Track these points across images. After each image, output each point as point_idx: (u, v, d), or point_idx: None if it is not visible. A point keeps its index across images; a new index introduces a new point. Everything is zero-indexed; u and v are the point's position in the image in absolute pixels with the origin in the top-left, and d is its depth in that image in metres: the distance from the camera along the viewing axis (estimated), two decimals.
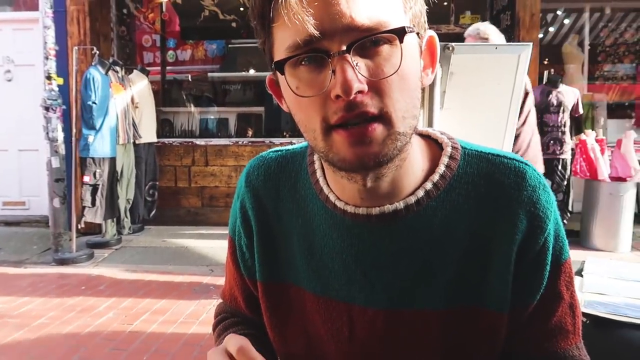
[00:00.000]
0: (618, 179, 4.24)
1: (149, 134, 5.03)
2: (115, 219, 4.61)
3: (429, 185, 0.64)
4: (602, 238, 4.29)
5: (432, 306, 0.64)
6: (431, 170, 0.66)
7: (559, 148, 4.49)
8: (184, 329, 2.78)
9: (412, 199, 0.63)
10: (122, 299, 3.24)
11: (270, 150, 0.77)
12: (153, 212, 5.14)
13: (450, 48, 1.40)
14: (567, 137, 4.52)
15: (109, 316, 2.96)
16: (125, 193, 4.73)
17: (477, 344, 0.65)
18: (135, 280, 3.62)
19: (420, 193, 0.64)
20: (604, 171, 4.27)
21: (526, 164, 0.65)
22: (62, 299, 3.23)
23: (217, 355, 0.58)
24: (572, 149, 4.57)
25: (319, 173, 0.69)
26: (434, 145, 0.69)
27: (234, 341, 0.56)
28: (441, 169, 0.65)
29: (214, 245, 4.49)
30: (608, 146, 4.56)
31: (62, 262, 4.00)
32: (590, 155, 4.32)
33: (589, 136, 4.42)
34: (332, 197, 0.67)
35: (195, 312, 3.03)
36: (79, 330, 2.76)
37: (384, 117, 0.55)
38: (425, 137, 0.70)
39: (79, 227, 4.30)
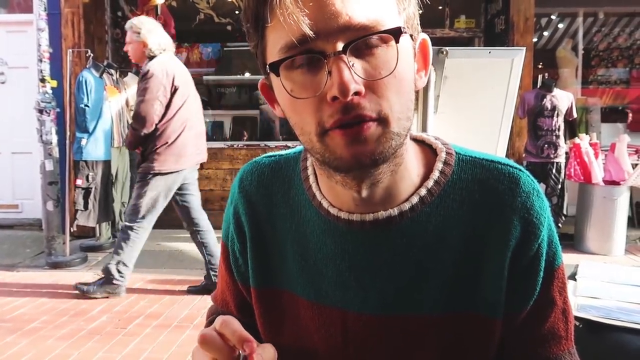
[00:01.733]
0: (612, 182, 4.27)
1: None
2: (110, 222, 4.59)
3: (423, 191, 0.64)
4: (596, 241, 4.31)
5: (427, 312, 0.64)
6: (426, 176, 0.65)
7: (553, 152, 4.51)
8: (178, 333, 2.76)
9: (407, 206, 0.63)
10: (115, 302, 3.22)
11: (264, 155, 0.77)
12: None
13: (444, 52, 1.40)
14: (562, 140, 4.55)
15: (103, 320, 2.94)
16: (121, 196, 4.71)
17: (472, 349, 0.65)
18: (129, 283, 3.60)
19: (415, 199, 0.63)
20: (597, 175, 4.29)
21: (520, 170, 0.65)
22: (55, 303, 3.21)
23: (206, 330, 0.57)
24: (566, 153, 4.59)
25: (311, 179, 0.69)
26: (428, 150, 0.68)
27: (220, 319, 0.56)
28: (435, 174, 0.65)
29: None
30: (602, 150, 4.58)
31: (55, 265, 3.97)
32: (584, 159, 4.35)
33: (583, 140, 4.45)
34: (325, 204, 0.66)
35: (190, 315, 3.02)
36: (72, 334, 2.74)
37: (380, 119, 0.55)
38: (420, 142, 0.70)
39: (72, 230, 4.28)
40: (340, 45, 0.53)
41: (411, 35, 0.59)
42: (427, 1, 0.65)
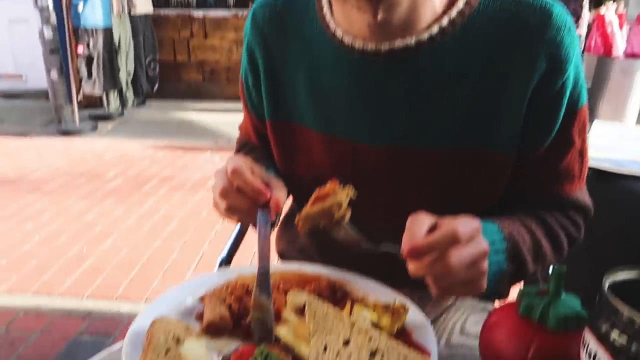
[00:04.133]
0: (633, 55, 4.10)
1: (143, 4, 4.78)
2: (117, 92, 4.56)
3: (445, 21, 0.60)
4: (608, 112, 4.25)
5: (438, 145, 0.64)
6: (450, 5, 0.61)
7: (574, 21, 4.29)
8: (191, 194, 2.87)
9: (425, 35, 0.60)
10: (129, 167, 3.30)
11: None
12: (156, 85, 5.07)
13: None
14: (585, 10, 4.29)
15: (118, 182, 3.04)
16: (126, 65, 4.63)
17: (481, 184, 0.66)
18: (141, 150, 3.67)
19: (435, 29, 0.60)
20: (619, 47, 4.12)
21: (553, 4, 0.60)
22: (70, 167, 3.31)
23: (219, 175, 0.60)
24: (589, 25, 4.36)
25: (325, 8, 0.66)
26: None
27: (232, 162, 0.58)
28: (460, 4, 0.61)
29: (217, 120, 4.49)
30: (627, 22, 4.34)
31: (67, 133, 4.03)
32: (606, 31, 4.14)
33: (609, 9, 4.19)
34: (339, 33, 0.64)
35: (202, 179, 3.10)
36: (90, 194, 2.85)
37: None
38: None
39: (79, 99, 4.26)
40: None
41: None
42: None
